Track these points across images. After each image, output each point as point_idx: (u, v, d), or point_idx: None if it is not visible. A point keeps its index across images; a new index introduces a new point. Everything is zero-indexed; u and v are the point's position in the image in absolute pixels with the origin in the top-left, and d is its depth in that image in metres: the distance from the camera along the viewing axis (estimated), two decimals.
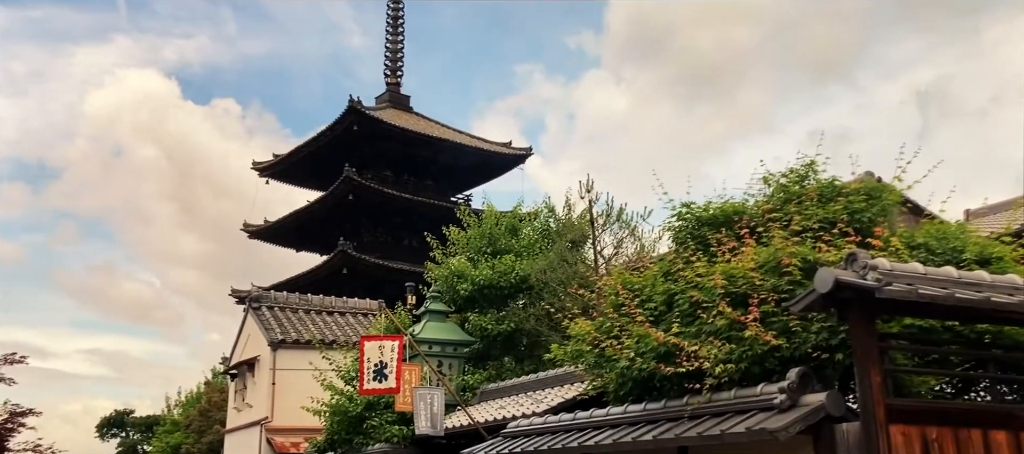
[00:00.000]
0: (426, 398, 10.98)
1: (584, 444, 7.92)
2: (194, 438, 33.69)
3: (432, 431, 11.06)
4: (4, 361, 18.13)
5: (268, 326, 23.13)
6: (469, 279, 14.37)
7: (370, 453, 12.80)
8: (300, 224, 48.77)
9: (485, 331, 13.93)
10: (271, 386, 21.98)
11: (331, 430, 13.77)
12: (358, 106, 44.09)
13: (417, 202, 44.51)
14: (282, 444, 20.48)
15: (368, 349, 11.03)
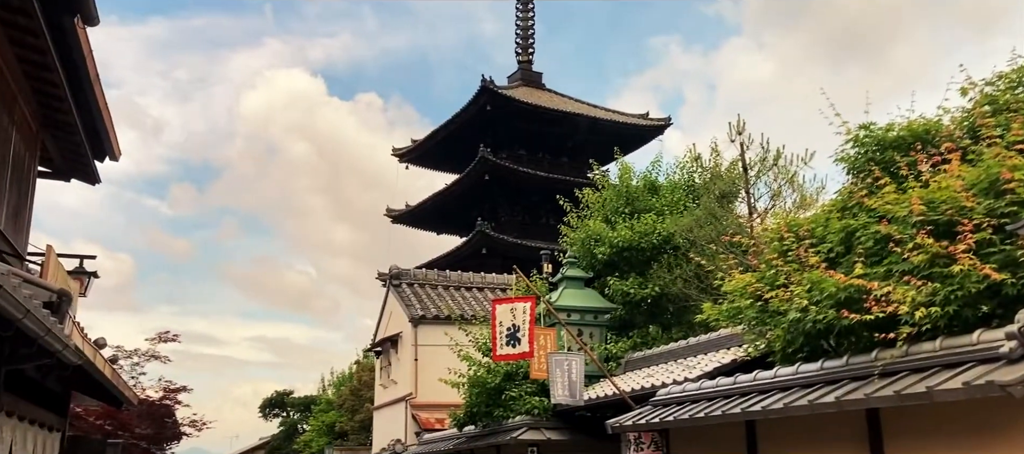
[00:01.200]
0: (563, 365, 10.16)
1: (748, 409, 6.84)
2: (347, 416, 34.66)
3: (570, 400, 10.24)
4: (158, 339, 18.98)
5: (408, 302, 23.12)
6: (607, 242, 13.41)
7: (511, 426, 12.15)
8: (439, 206, 49.38)
9: (627, 296, 12.96)
10: (413, 362, 21.94)
11: (470, 402, 13.25)
12: (490, 86, 43.88)
13: (553, 179, 43.80)
14: (427, 420, 20.35)
15: (500, 312, 10.34)
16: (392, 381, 23.63)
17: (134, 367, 18.62)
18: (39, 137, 10.24)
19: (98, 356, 8.14)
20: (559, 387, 10.09)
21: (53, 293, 5.93)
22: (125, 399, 11.26)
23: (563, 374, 10.11)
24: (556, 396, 10.26)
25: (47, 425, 10.66)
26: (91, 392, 12.14)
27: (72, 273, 12.44)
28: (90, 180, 12.40)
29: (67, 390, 11.72)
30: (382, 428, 23.98)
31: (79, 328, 7.74)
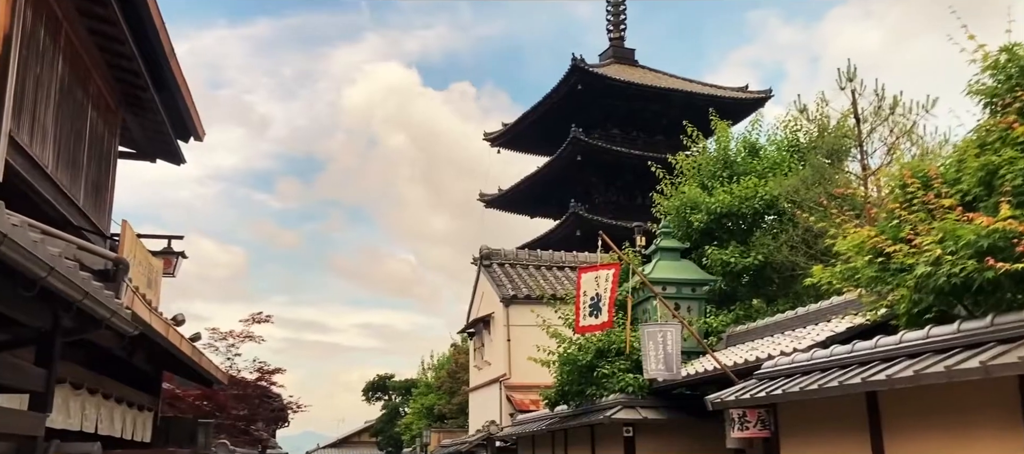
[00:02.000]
0: (657, 337, 9.42)
1: (870, 379, 5.96)
2: (446, 399, 34.80)
3: (665, 374, 9.49)
4: (252, 320, 19.18)
5: (499, 283, 22.71)
6: (704, 208, 12.48)
7: (604, 404, 11.48)
8: (532, 190, 48.95)
9: (727, 266, 12.02)
10: (506, 342, 21.52)
11: (562, 380, 12.64)
12: (581, 64, 43.01)
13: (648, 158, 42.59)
14: (522, 401, 19.90)
15: (585, 282, 9.66)
16: (486, 362, 23.31)
17: (230, 349, 18.94)
18: (119, 115, 10.21)
19: (172, 331, 7.96)
20: (652, 360, 9.35)
21: (108, 261, 5.64)
22: (213, 378, 11.20)
23: (657, 346, 9.37)
24: (649, 370, 9.54)
25: (137, 404, 10.69)
26: (181, 372, 12.19)
27: (159, 253, 12.53)
28: (175, 160, 12.42)
29: (158, 371, 11.78)
30: (478, 410, 23.72)
31: (146, 302, 7.55)
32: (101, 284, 4.98)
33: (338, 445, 65.22)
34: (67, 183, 8.33)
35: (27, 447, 5.08)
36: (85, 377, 8.31)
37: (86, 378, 8.36)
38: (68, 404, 7.57)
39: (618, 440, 11.31)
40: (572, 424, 12.43)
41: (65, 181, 8.25)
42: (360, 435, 62.95)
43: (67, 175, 8.36)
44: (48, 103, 7.71)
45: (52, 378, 5.33)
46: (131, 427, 10.33)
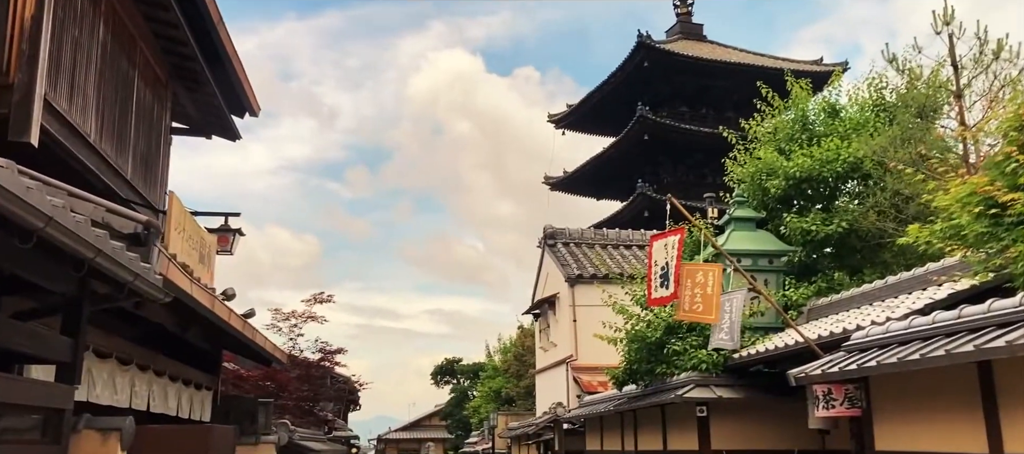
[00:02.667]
0: (723, 306, 8.70)
1: (985, 347, 5.17)
2: (513, 382, 34.54)
3: (728, 343, 8.78)
4: (314, 300, 19.06)
5: (564, 262, 22.13)
6: (781, 173, 11.62)
7: (675, 383, 10.81)
8: (597, 171, 48.15)
9: (807, 235, 11.15)
10: (572, 323, 20.95)
11: (630, 358, 12.00)
12: (647, 41, 41.90)
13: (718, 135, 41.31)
14: (589, 383, 19.32)
15: (656, 250, 8.98)
16: (551, 344, 22.79)
17: (292, 329, 18.88)
18: (169, 88, 9.99)
19: (218, 304, 7.65)
20: (716, 329, 8.65)
21: (139, 225, 5.29)
22: (271, 356, 10.96)
23: (723, 315, 8.67)
24: (715, 341, 8.86)
25: (194, 383, 10.52)
26: (241, 351, 12.01)
27: (216, 230, 12.37)
28: (230, 136, 12.23)
29: (217, 350, 11.63)
30: (544, 392, 23.24)
31: (188, 272, 7.24)
32: (122, 245, 4.61)
33: (409, 428, 65.97)
34: (112, 154, 8.11)
35: (54, 420, 4.78)
36: (134, 353, 8.09)
37: (135, 354, 8.14)
38: (114, 380, 7.34)
39: (691, 420, 10.63)
40: (641, 404, 11.80)
41: (110, 152, 8.02)
42: (430, 419, 63.49)
43: (112, 146, 8.14)
44: (88, 69, 7.46)
45: (79, 347, 5.01)
46: (188, 406, 10.14)
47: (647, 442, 12.49)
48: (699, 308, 8.78)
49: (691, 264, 9.02)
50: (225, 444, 5.80)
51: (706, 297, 8.66)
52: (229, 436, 6.00)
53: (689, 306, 8.89)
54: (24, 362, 4.98)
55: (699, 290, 8.68)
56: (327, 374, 19.47)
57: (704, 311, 8.73)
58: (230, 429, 6.40)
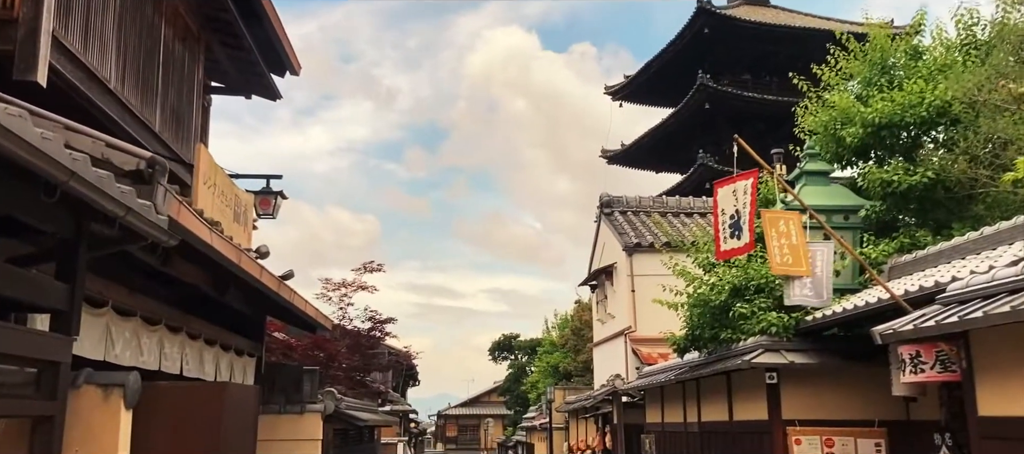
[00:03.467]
0: None
1: None
2: (571, 357, 34.05)
3: (813, 300, 7.96)
4: (363, 269, 18.71)
5: (622, 231, 21.33)
6: (858, 120, 10.61)
7: (742, 349, 10.00)
8: (656, 143, 47.09)
9: (888, 187, 10.15)
10: (630, 293, 20.18)
11: (692, 324, 11.22)
12: (707, 6, 40.54)
13: (782, 103, 39.69)
14: (649, 355, 18.55)
15: (722, 197, 8.17)
16: (609, 315, 22.06)
17: (342, 299, 18.60)
18: (201, 41, 9.55)
19: (246, 259, 7.17)
20: (797, 285, 7.83)
21: (142, 161, 4.78)
22: (316, 322, 10.54)
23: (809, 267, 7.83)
24: (793, 296, 8.05)
25: (235, 348, 10.16)
26: (286, 318, 11.64)
27: (258, 192, 11.99)
28: (270, 95, 11.79)
29: (260, 315, 11.27)
30: (602, 365, 22.56)
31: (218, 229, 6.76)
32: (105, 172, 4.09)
33: (468, 405, 66.26)
34: (137, 104, 7.69)
35: (49, 374, 4.33)
36: (163, 313, 7.70)
37: (165, 314, 7.75)
38: (139, 339, 6.94)
39: (759, 388, 9.83)
40: (705, 372, 11.01)
41: (134, 101, 7.61)
42: (489, 395, 63.64)
43: (136, 95, 7.72)
44: (106, 10, 7.02)
45: (76, 294, 4.55)
46: (227, 371, 9.77)
47: (711, 413, 11.72)
48: (789, 260, 7.95)
49: (772, 211, 8.19)
50: (245, 404, 5.29)
51: (793, 248, 7.85)
52: (250, 397, 5.49)
53: (780, 259, 8.05)
54: (17, 310, 4.55)
55: (784, 240, 7.84)
56: (377, 344, 19.16)
57: (794, 263, 7.90)
58: (251, 388, 5.89)
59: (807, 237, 8.64)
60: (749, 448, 10.30)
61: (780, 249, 7.90)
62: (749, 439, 10.29)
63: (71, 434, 4.50)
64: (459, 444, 64.21)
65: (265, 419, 11.37)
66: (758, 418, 9.96)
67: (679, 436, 13.25)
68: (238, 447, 5.15)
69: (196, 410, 4.80)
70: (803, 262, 7.86)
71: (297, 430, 11.38)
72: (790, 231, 7.94)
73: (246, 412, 5.35)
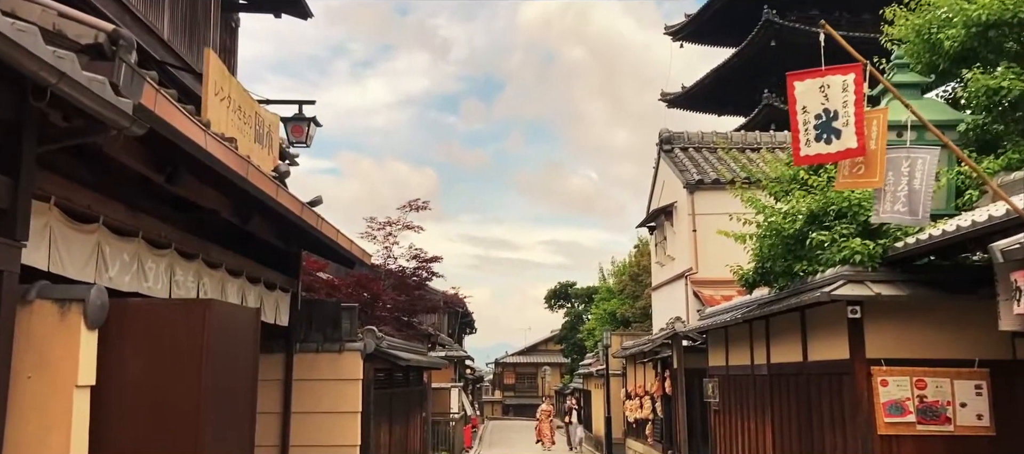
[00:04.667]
0: (901, 165, 6.74)
1: None
2: (629, 303, 33.18)
3: (908, 217, 6.83)
4: (409, 207, 18.00)
5: (683, 167, 20.14)
6: (959, 21, 9.25)
7: (820, 281, 8.92)
8: (718, 84, 45.23)
9: (994, 96, 8.82)
10: (691, 233, 19.07)
11: (762, 256, 10.14)
12: None
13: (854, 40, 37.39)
14: (711, 297, 17.49)
15: (802, 93, 7.02)
16: (668, 257, 20.99)
17: (388, 238, 17.94)
18: None
19: (254, 172, 6.38)
20: (889, 199, 6.70)
21: (101, 33, 3.96)
22: (347, 252, 9.82)
23: (899, 179, 6.71)
24: (883, 212, 6.92)
25: (266, 282, 9.51)
26: (316, 249, 10.96)
27: (289, 119, 11.26)
28: (300, 13, 10.99)
29: (295, 248, 10.62)
30: (661, 310, 21.57)
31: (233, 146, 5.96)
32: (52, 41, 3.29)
33: (524, 353, 66.15)
34: (140, 6, 6.95)
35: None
36: (174, 237, 7.02)
37: (177, 239, 7.07)
38: (141, 264, 6.24)
39: (839, 324, 8.75)
40: (776, 309, 9.94)
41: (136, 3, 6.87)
42: (546, 343, 63.38)
43: None
44: None
45: (21, 190, 3.80)
46: (256, 304, 9.11)
47: (782, 353, 10.67)
48: (860, 170, 6.82)
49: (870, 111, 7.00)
50: (240, 328, 4.51)
51: (869, 153, 6.69)
52: (247, 320, 4.71)
53: (849, 170, 6.93)
54: None
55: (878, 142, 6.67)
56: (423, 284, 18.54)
57: (867, 172, 6.78)
58: (249, 311, 5.11)
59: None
60: (826, 390, 9.27)
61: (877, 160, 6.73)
62: (826, 381, 9.25)
63: (23, 359, 3.78)
64: (517, 391, 64.26)
65: (303, 357, 10.79)
66: (837, 357, 8.90)
67: (745, 379, 12.26)
68: (231, 378, 4.39)
69: (176, 332, 4.04)
70: (876, 170, 6.71)
71: (336, 369, 10.77)
72: (870, 132, 6.77)
73: (242, 338, 4.58)
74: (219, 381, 4.23)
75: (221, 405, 4.26)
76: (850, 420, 8.65)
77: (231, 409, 4.41)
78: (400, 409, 13.51)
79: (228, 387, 4.36)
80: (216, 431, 4.16)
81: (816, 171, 9.63)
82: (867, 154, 6.79)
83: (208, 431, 4.04)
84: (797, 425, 10.15)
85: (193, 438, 3.94)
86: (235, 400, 4.48)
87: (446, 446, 20.50)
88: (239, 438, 4.54)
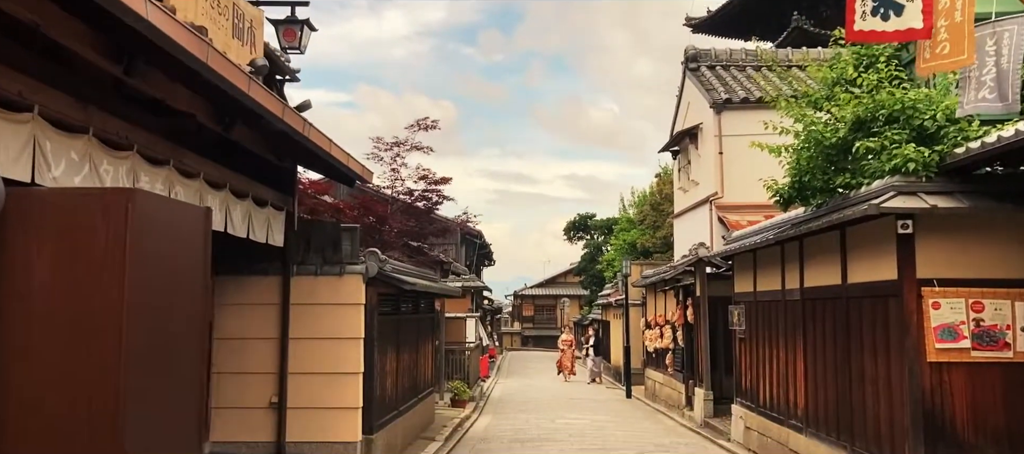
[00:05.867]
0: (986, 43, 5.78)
1: None
2: (649, 234, 32.34)
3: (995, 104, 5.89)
4: (417, 126, 17.10)
5: (710, 86, 19.02)
6: None
7: (865, 194, 8.01)
8: (746, 6, 43.24)
9: None
10: (717, 156, 18.08)
11: (799, 169, 9.23)
12: None
13: None
14: (736, 222, 16.58)
15: None
16: (692, 182, 20.03)
17: (395, 159, 17.11)
18: None
19: (217, 57, 5.53)
20: (973, 86, 5.76)
21: None
22: (343, 166, 9.01)
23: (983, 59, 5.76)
24: (967, 102, 5.98)
25: (253, 196, 8.76)
26: (313, 164, 10.18)
27: (281, 22, 10.36)
28: None
29: (289, 163, 9.83)
30: (684, 238, 20.70)
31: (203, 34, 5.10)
32: None
33: (543, 285, 65.83)
34: None
35: None
36: (136, 137, 6.23)
37: (139, 140, 6.28)
38: (95, 164, 5.45)
39: (886, 242, 7.87)
40: (813, 227, 9.05)
41: None
42: (565, 275, 62.95)
43: None
44: None
45: None
46: (243, 222, 8.38)
47: (818, 276, 9.82)
48: (944, 48, 5.84)
49: None
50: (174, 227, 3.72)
51: (954, 27, 5.71)
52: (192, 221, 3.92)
53: (930, 52, 5.96)
54: None
55: (943, 20, 5.69)
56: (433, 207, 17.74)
57: (953, 51, 5.80)
58: (193, 209, 4.30)
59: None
60: (868, 315, 8.43)
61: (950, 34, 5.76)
62: (869, 304, 8.41)
63: None
64: (536, 323, 64.12)
65: (301, 281, 10.10)
66: (883, 278, 8.04)
67: (775, 306, 11.45)
68: (170, 294, 3.62)
69: (92, 229, 3.25)
70: (965, 46, 5.72)
71: (336, 293, 10.09)
72: (954, 2, 5.77)
73: (186, 244, 3.79)
74: (152, 297, 3.45)
75: (156, 328, 3.49)
76: (895, 346, 7.84)
77: (171, 334, 3.64)
78: (409, 337, 12.87)
79: (165, 305, 3.58)
80: (148, 362, 3.40)
81: (865, 69, 8.63)
82: (952, 28, 5.79)
83: (135, 360, 3.28)
84: (833, 352, 9.37)
85: (114, 366, 3.19)
86: (177, 323, 3.70)
87: (461, 375, 20.00)
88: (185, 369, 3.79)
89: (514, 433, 14.83)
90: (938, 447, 7.47)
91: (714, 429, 14.65)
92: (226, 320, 10.04)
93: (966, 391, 7.49)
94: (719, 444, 13.38)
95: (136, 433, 3.33)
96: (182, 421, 3.82)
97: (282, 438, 9.77)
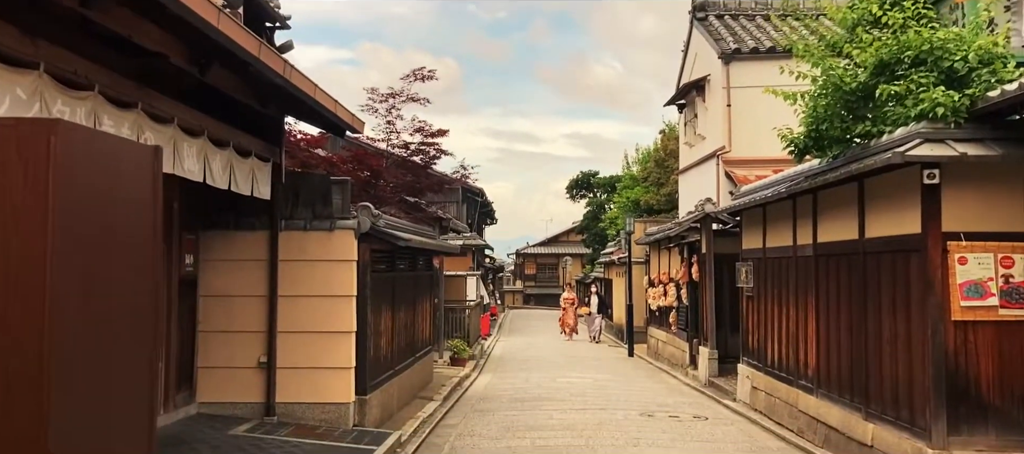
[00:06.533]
0: None
1: None
2: (653, 191, 31.81)
3: None
4: (413, 77, 16.48)
5: (718, 36, 18.37)
6: None
7: (888, 142, 7.49)
8: None
9: None
10: (725, 108, 17.52)
11: (816, 117, 8.68)
12: None
13: None
14: (744, 177, 16.07)
15: None
16: (699, 137, 19.48)
17: (390, 111, 16.52)
18: None
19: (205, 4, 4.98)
20: None
21: None
22: (331, 113, 8.49)
23: None
24: None
25: (235, 145, 8.26)
26: (300, 112, 9.64)
27: None
28: None
29: (276, 112, 9.31)
30: (689, 194, 20.21)
31: None
32: None
33: (546, 244, 65.53)
34: None
35: None
36: (97, 77, 5.71)
37: (101, 80, 5.76)
38: (47, 103, 4.96)
39: (909, 193, 7.37)
40: (830, 178, 8.53)
41: None
42: (568, 234, 62.61)
43: None
44: None
45: None
46: (224, 170, 7.88)
47: (833, 231, 9.34)
48: None
49: None
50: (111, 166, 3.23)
51: None
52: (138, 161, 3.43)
53: None
54: None
55: None
56: (430, 162, 17.18)
57: None
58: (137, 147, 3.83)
59: None
60: (887, 271, 7.96)
61: None
62: (889, 260, 7.93)
63: None
64: (538, 281, 63.92)
65: (289, 236, 9.64)
66: (904, 232, 7.56)
67: (785, 262, 10.98)
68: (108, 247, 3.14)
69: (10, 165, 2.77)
70: None
71: (327, 249, 9.65)
72: None
73: (130, 187, 3.31)
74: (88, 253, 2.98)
75: (93, 291, 3.02)
76: (917, 304, 7.38)
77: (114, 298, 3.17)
78: (405, 295, 12.44)
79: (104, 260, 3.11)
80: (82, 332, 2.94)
81: (891, 6, 8.04)
82: None
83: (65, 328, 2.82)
84: (848, 311, 8.92)
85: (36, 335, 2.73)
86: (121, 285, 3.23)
87: (461, 334, 19.65)
88: (132, 344, 3.32)
89: (514, 392, 14.49)
90: (961, 409, 7.06)
91: (718, 388, 14.29)
92: (212, 277, 9.62)
93: (993, 351, 7.06)
94: (724, 404, 13.02)
95: (66, 427, 2.88)
96: (128, 413, 3.34)
97: (272, 398, 9.40)
